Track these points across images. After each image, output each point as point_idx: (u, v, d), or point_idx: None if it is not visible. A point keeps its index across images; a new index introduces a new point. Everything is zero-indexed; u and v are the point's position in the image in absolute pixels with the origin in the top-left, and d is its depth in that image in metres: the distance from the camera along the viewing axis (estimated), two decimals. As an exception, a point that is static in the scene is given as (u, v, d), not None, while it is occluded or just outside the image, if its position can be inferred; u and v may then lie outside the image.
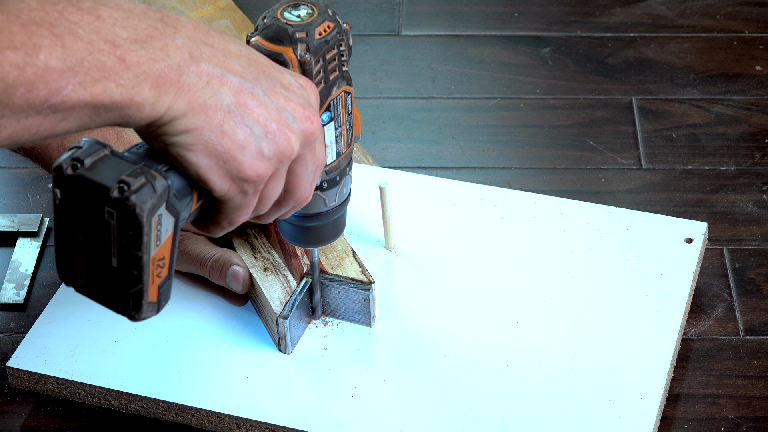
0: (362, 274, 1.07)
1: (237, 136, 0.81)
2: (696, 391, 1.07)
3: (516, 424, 1.00)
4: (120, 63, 0.76)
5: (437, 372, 1.04)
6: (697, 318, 1.13)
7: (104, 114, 0.77)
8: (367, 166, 1.22)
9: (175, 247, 0.82)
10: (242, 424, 1.01)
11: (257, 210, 0.87)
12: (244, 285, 1.08)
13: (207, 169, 0.81)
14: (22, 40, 0.73)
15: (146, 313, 0.82)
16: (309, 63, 0.89)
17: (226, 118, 0.81)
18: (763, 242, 1.21)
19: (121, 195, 0.78)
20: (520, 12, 1.51)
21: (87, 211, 0.79)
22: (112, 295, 0.81)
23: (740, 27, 1.48)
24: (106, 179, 0.78)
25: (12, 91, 0.73)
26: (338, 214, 0.99)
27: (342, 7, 1.53)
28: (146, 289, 0.81)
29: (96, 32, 0.75)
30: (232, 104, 0.81)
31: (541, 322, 1.07)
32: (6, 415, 1.07)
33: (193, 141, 0.80)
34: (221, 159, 0.81)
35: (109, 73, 0.75)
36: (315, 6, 0.91)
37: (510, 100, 1.39)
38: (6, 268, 1.19)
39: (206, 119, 0.80)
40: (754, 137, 1.33)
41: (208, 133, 0.80)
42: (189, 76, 0.79)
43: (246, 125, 0.81)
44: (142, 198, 0.78)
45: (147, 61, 0.77)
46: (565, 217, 1.16)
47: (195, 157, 0.81)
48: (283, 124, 0.83)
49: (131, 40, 0.76)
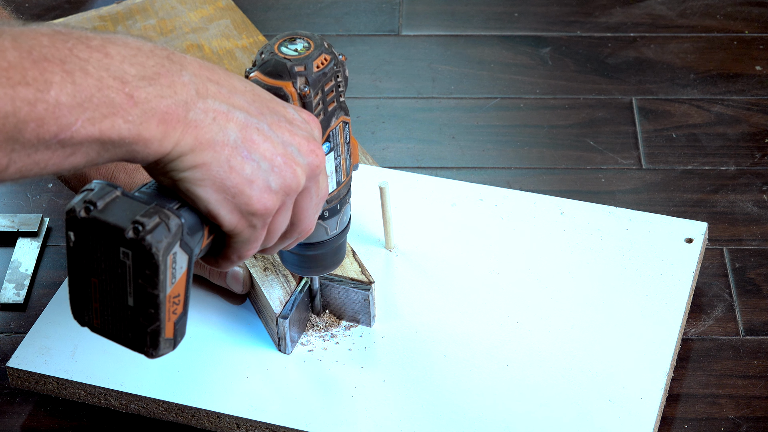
0: (362, 274, 1.07)
1: (245, 170, 0.82)
2: (696, 391, 1.07)
3: (516, 424, 1.00)
4: (128, 99, 0.77)
5: (437, 372, 1.04)
6: (697, 318, 1.13)
7: (112, 150, 0.78)
8: (367, 166, 1.22)
9: (189, 284, 0.83)
10: (242, 424, 1.01)
11: (265, 243, 0.88)
12: (244, 286, 1.08)
13: (216, 203, 0.82)
14: (34, 76, 0.73)
15: (163, 350, 0.83)
16: (308, 96, 0.91)
17: (234, 153, 0.82)
18: (763, 242, 1.21)
19: (136, 235, 0.78)
20: (520, 12, 1.51)
21: (102, 252, 0.80)
22: (129, 334, 0.82)
23: (740, 27, 1.48)
24: (120, 220, 0.79)
25: (23, 126, 0.73)
26: (339, 242, 1.00)
27: (342, 7, 1.53)
28: (163, 327, 0.82)
29: (105, 69, 0.76)
30: (239, 139, 0.82)
31: (541, 322, 1.07)
32: (6, 415, 1.07)
33: (201, 176, 0.81)
34: (230, 193, 0.82)
35: (118, 110, 0.76)
36: (311, 39, 0.92)
37: (510, 100, 1.39)
38: (6, 268, 1.19)
39: (214, 155, 0.81)
40: (754, 137, 1.33)
41: (216, 168, 0.81)
42: (196, 113, 0.80)
43: (253, 160, 0.83)
44: (157, 237, 0.79)
45: (155, 98, 0.78)
46: (565, 217, 1.16)
47: (204, 192, 0.82)
48: (289, 157, 0.84)
49: (139, 77, 0.78)
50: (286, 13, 1.52)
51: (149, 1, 1.36)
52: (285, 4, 1.54)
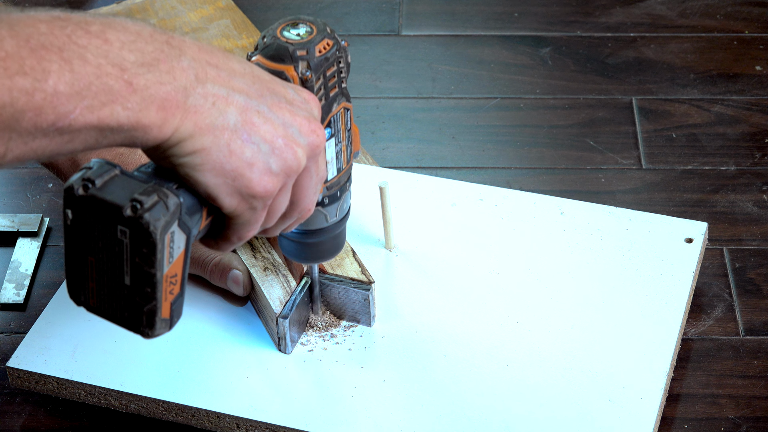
0: (362, 274, 1.07)
1: (245, 154, 0.82)
2: (696, 391, 1.07)
3: (516, 424, 1.00)
4: (127, 87, 0.77)
5: (437, 372, 1.04)
6: (697, 318, 1.13)
7: (111, 136, 0.78)
8: (367, 166, 1.22)
9: (186, 264, 0.83)
10: (242, 424, 1.01)
11: (265, 224, 0.88)
12: (244, 288, 1.08)
13: (216, 187, 0.83)
14: (31, 65, 0.73)
15: (159, 329, 0.82)
16: (310, 80, 0.90)
17: (234, 137, 0.82)
18: (763, 242, 1.21)
19: (134, 213, 0.78)
20: (520, 12, 1.51)
21: (99, 230, 0.80)
22: (125, 314, 0.82)
23: (740, 27, 1.48)
24: (118, 198, 0.79)
25: (20, 116, 0.73)
26: (339, 230, 1.00)
27: (342, 7, 1.53)
28: (159, 306, 0.81)
29: (104, 56, 0.76)
30: (239, 123, 0.82)
31: (541, 322, 1.07)
32: (6, 415, 1.07)
33: (201, 161, 0.81)
34: (230, 177, 0.82)
35: (117, 97, 0.76)
36: (314, 24, 0.92)
37: (510, 100, 1.39)
38: (6, 268, 1.19)
39: (214, 139, 0.81)
40: (754, 137, 1.33)
41: (216, 152, 0.81)
42: (195, 98, 0.80)
43: (253, 143, 0.83)
44: (155, 216, 0.79)
45: (154, 84, 0.78)
46: (565, 217, 1.16)
47: (204, 177, 0.82)
48: (289, 138, 0.84)
49: (138, 64, 0.77)
50: (286, 13, 1.52)
51: (149, 1, 1.36)
52: (285, 4, 1.54)
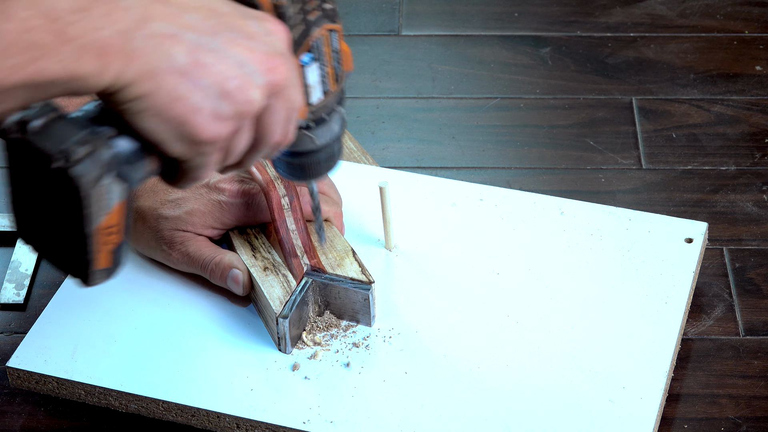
0: (362, 274, 1.07)
1: (191, 98, 0.77)
2: (696, 391, 1.07)
3: (516, 424, 1.00)
4: (58, 38, 0.72)
5: (437, 372, 1.04)
6: (697, 318, 1.13)
7: (47, 89, 0.73)
8: (367, 166, 1.22)
9: (127, 213, 0.79)
10: (242, 424, 1.01)
11: (225, 162, 0.83)
12: (244, 288, 1.08)
13: (160, 133, 0.78)
14: None
15: (97, 279, 0.80)
16: (283, 6, 0.85)
17: (180, 80, 0.76)
18: (763, 242, 1.21)
19: (62, 165, 0.74)
20: (520, 12, 1.51)
21: (34, 175, 0.76)
22: (65, 260, 0.79)
23: (740, 27, 1.48)
24: (49, 146, 0.75)
25: None
26: (332, 150, 0.95)
27: (342, 7, 1.53)
28: (93, 258, 0.78)
29: (34, 7, 0.72)
30: (187, 64, 0.77)
31: (541, 322, 1.07)
32: (6, 415, 1.07)
33: (144, 107, 0.76)
34: (175, 123, 0.77)
35: (46, 51, 0.71)
36: None
37: (510, 100, 1.39)
38: (6, 268, 1.19)
39: (158, 84, 0.76)
40: (754, 137, 1.33)
41: (160, 98, 0.76)
42: (138, 40, 0.75)
43: (201, 87, 0.77)
44: (83, 169, 0.75)
45: (90, 31, 0.73)
46: (565, 217, 1.16)
47: (147, 123, 0.77)
48: (243, 79, 0.79)
49: (72, 10, 0.72)
50: None
51: None
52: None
